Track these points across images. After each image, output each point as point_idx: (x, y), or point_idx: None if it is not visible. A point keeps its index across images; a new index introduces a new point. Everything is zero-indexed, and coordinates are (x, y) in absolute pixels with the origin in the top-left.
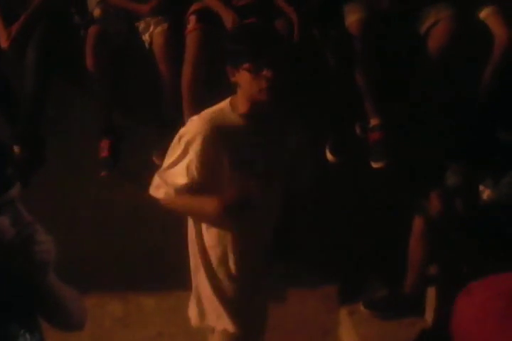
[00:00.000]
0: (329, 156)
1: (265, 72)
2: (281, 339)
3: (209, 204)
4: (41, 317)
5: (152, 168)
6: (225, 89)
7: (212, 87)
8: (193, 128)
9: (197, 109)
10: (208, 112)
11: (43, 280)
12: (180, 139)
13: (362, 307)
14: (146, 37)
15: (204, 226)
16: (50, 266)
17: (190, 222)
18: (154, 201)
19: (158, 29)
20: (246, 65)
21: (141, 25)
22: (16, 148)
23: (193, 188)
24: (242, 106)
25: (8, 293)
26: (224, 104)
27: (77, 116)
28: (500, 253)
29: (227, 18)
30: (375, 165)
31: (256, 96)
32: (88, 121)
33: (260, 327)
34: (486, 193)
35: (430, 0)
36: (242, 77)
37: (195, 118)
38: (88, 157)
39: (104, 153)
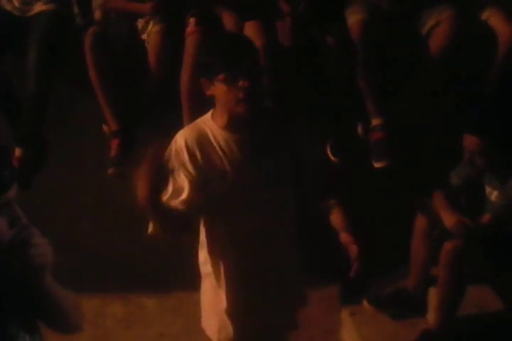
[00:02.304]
0: (330, 156)
1: (241, 83)
2: None
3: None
4: (40, 320)
5: None
6: None
7: None
8: (175, 143)
9: (196, 113)
10: (190, 125)
11: (39, 283)
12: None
13: (365, 303)
14: (144, 36)
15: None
16: (46, 269)
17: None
18: None
19: (156, 28)
20: (221, 76)
21: (140, 24)
22: (18, 150)
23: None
24: (222, 119)
25: (5, 294)
26: (206, 117)
27: (79, 116)
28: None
29: (229, 20)
30: (376, 164)
31: (233, 108)
32: (90, 121)
33: None
34: (494, 194)
35: (431, 1)
36: (218, 90)
37: (179, 133)
38: (89, 158)
39: (112, 152)
